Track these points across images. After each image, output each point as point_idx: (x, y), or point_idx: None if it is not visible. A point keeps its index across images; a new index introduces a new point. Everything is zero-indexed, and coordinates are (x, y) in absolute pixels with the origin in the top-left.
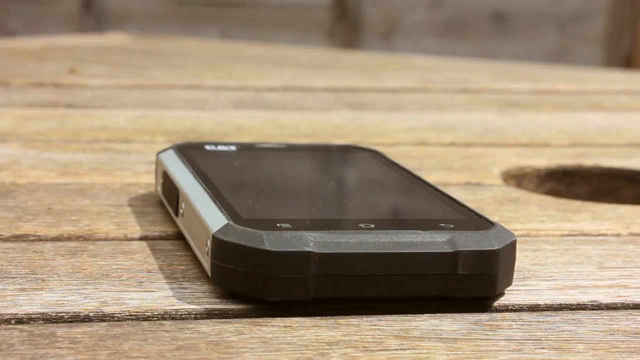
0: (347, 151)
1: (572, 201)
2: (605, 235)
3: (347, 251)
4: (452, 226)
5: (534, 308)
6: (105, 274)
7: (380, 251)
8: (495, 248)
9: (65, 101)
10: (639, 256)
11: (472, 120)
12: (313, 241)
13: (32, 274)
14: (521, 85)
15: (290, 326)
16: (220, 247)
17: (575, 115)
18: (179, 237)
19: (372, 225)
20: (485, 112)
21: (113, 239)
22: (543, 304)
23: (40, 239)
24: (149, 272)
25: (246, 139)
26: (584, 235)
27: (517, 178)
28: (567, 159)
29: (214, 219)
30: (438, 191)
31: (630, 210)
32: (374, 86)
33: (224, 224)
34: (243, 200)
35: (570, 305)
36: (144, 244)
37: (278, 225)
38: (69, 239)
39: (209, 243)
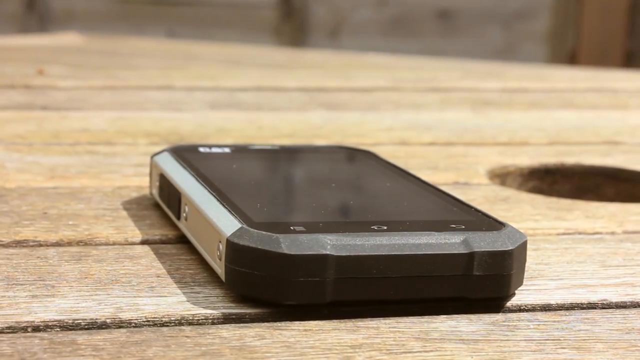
0: (342, 152)
1: (562, 200)
2: (600, 233)
3: (364, 253)
4: (463, 227)
5: (545, 308)
6: (115, 279)
7: (396, 253)
8: (509, 248)
9: (39, 103)
10: (638, 254)
11: (448, 120)
12: (330, 244)
13: (41, 280)
14: (490, 83)
15: (310, 330)
16: (236, 251)
17: (549, 114)
18: (181, 240)
19: (385, 227)
20: (459, 111)
21: (114, 244)
22: (554, 303)
23: (40, 244)
24: (158, 276)
25: (228, 140)
26: (580, 233)
27: (501, 177)
28: (548, 157)
29: (226, 222)
30: (440, 191)
31: (620, 209)
32: (346, 86)
33: (237, 228)
34: (250, 203)
35: (581, 304)
36: (146, 248)
37: (292, 228)
38: (69, 244)
39: (221, 247)
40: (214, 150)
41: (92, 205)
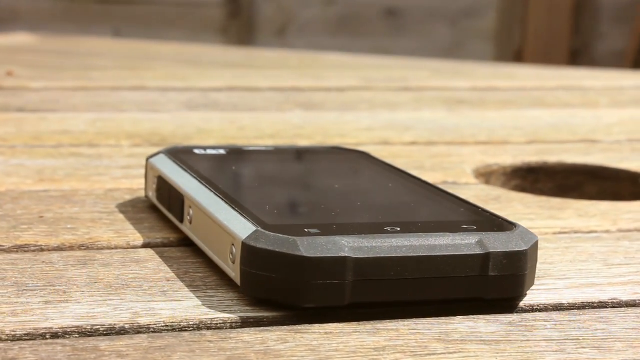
0: (338, 153)
1: (552, 198)
2: (596, 231)
3: (382, 255)
4: (475, 227)
5: (557, 307)
6: (125, 283)
7: (414, 254)
8: (524, 249)
9: (15, 105)
10: (638, 252)
11: (425, 119)
12: (347, 246)
13: (51, 285)
14: (460, 82)
15: (331, 332)
16: (252, 254)
17: (522, 112)
18: (184, 243)
19: (398, 229)
20: (435, 110)
21: (116, 247)
22: (566, 303)
23: (42, 249)
24: (168, 280)
25: (211, 141)
26: (576, 232)
27: (486, 176)
28: (529, 156)
29: (238, 225)
30: (443, 191)
31: (611, 207)
32: (319, 85)
33: (253, 231)
34: (259, 205)
35: (592, 303)
36: (150, 251)
37: (306, 230)
38: (71, 248)
39: (234, 250)
40: (209, 152)
41: (87, 208)
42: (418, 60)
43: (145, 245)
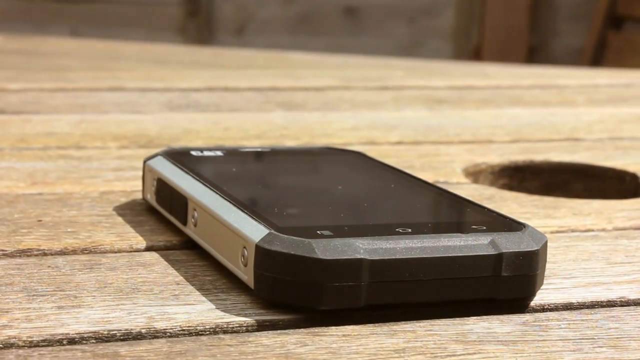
0: (335, 153)
1: (546, 197)
2: (592, 230)
3: (397, 257)
4: (485, 228)
5: (568, 307)
6: (135, 287)
7: (428, 256)
8: (535, 249)
9: None
10: (638, 250)
11: (408, 118)
12: (363, 248)
13: (60, 290)
14: (436, 81)
15: (348, 335)
16: (266, 256)
17: (502, 111)
18: (187, 246)
19: (409, 230)
20: (416, 109)
21: (119, 251)
22: (576, 302)
23: (45, 253)
24: (178, 284)
25: (198, 142)
26: (573, 231)
27: (474, 175)
28: (515, 155)
29: (250, 228)
30: (446, 191)
31: (604, 205)
32: (297, 85)
33: (266, 233)
34: (267, 207)
35: (601, 302)
36: (155, 254)
37: (319, 232)
38: (74, 252)
39: (246, 253)
40: (206, 153)
41: (85, 211)
42: (392, 60)
43: (148, 249)
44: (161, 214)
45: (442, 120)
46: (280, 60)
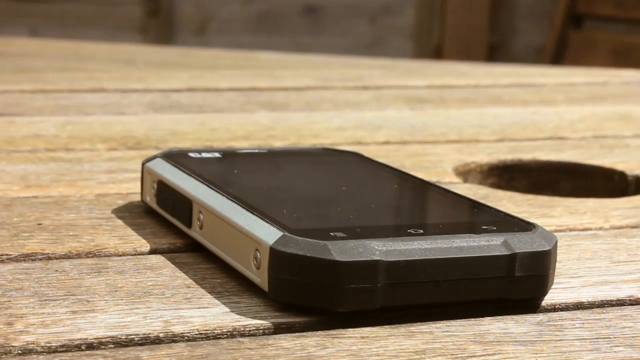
0: (333, 154)
1: (540, 196)
2: (590, 229)
3: (413, 258)
4: (495, 228)
5: (578, 306)
6: (146, 291)
7: (443, 257)
8: (547, 249)
9: None
10: (638, 249)
11: (391, 118)
12: (378, 250)
13: (71, 295)
14: (415, 81)
15: (367, 337)
16: (281, 259)
17: (484, 110)
18: (192, 249)
19: (421, 231)
20: (398, 109)
21: (123, 254)
22: (586, 301)
23: (49, 257)
24: (188, 287)
25: (186, 144)
26: (571, 230)
27: (464, 174)
28: (503, 154)
29: (262, 230)
30: (449, 191)
31: (598, 204)
32: (277, 85)
33: (280, 236)
34: (276, 209)
35: (611, 301)
36: (160, 257)
37: (332, 234)
38: (78, 255)
39: (259, 255)
40: (205, 155)
41: (84, 214)
42: (370, 59)
43: (152, 252)
44: (162, 217)
45: (426, 119)
46: (247, 60)
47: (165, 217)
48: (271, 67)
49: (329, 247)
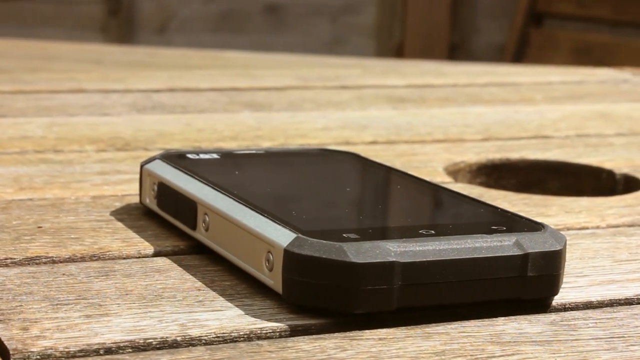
0: (331, 154)
1: (534, 195)
2: (588, 228)
3: (428, 259)
4: (504, 228)
5: (588, 305)
6: (157, 294)
7: (458, 257)
8: (559, 248)
9: None
10: (638, 247)
11: (376, 118)
12: (394, 251)
13: (83, 299)
14: (394, 80)
15: (384, 338)
16: (296, 261)
17: (466, 109)
18: (196, 251)
19: (433, 232)
20: (380, 108)
21: (128, 257)
22: (595, 300)
23: (54, 260)
24: (199, 290)
25: (175, 144)
26: (568, 229)
27: (453, 174)
28: (490, 153)
29: (275, 232)
30: (452, 191)
31: (591, 202)
32: (257, 86)
33: (294, 237)
34: (285, 210)
35: (619, 300)
36: (166, 260)
37: (344, 236)
38: (83, 259)
39: (271, 257)
40: (203, 156)
41: (82, 217)
42: (362, 59)
43: (156, 254)
44: (162, 218)
45: (410, 119)
46: (216, 59)
47: (166, 219)
48: (243, 67)
49: (345, 248)
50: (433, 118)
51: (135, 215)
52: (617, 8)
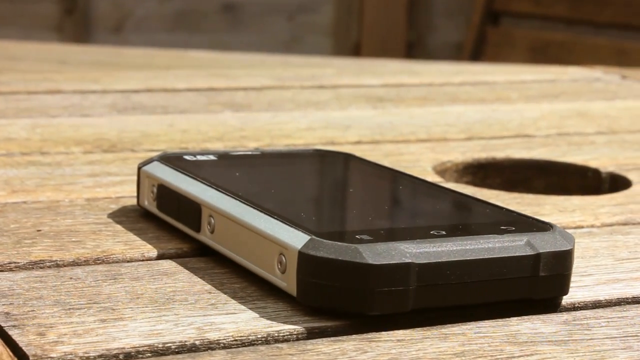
0: (328, 155)
1: (525, 194)
2: (582, 227)
3: (443, 260)
4: (514, 228)
5: (596, 304)
6: (169, 297)
7: (472, 258)
8: (569, 248)
9: None
10: (637, 245)
11: (357, 117)
12: (409, 252)
13: (94, 303)
14: (369, 80)
15: (403, 340)
16: (312, 263)
17: (445, 109)
18: (200, 253)
19: (444, 232)
20: (360, 108)
21: (131, 260)
22: (603, 299)
23: (58, 264)
24: (210, 293)
25: (161, 145)
26: (565, 228)
27: (441, 173)
28: (475, 152)
29: (287, 234)
30: (454, 191)
31: (583, 201)
32: (234, 86)
33: (308, 239)
34: (293, 212)
35: (627, 299)
36: (172, 263)
37: (358, 237)
38: (87, 262)
39: (284, 259)
40: (200, 157)
41: (80, 219)
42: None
43: (160, 257)
44: (162, 221)
45: (391, 118)
46: (180, 59)
47: (166, 222)
48: (210, 67)
49: (360, 250)
50: (414, 117)
51: (133, 218)
52: (573, 6)
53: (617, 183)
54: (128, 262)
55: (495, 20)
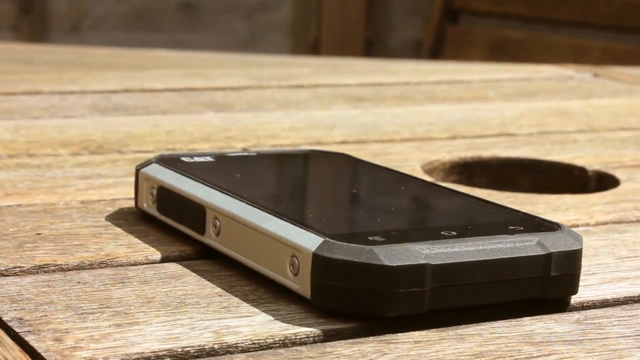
0: (327, 156)
1: (518, 193)
2: (578, 225)
3: (457, 261)
4: (522, 228)
5: (604, 303)
6: (180, 301)
7: (486, 258)
8: (579, 247)
9: None
10: (635, 244)
11: (339, 117)
12: (424, 253)
13: (106, 307)
14: (346, 79)
15: (420, 341)
16: (326, 265)
17: (425, 108)
18: (204, 255)
19: (454, 233)
20: (341, 107)
21: (136, 263)
22: (611, 298)
23: (62, 268)
24: (220, 296)
25: (149, 146)
26: None
27: (428, 172)
28: (461, 151)
29: (299, 236)
30: (455, 191)
31: (574, 200)
32: (212, 86)
33: (322, 241)
34: (302, 213)
35: (634, 297)
36: (177, 266)
37: (371, 239)
38: (92, 266)
39: (297, 261)
40: (197, 159)
41: (78, 222)
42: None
43: (164, 260)
44: (162, 223)
45: (373, 118)
46: (145, 59)
47: (167, 224)
48: (178, 66)
49: (376, 251)
50: (396, 117)
51: (131, 220)
52: (530, 4)
53: (603, 181)
54: (133, 265)
55: (454, 18)
